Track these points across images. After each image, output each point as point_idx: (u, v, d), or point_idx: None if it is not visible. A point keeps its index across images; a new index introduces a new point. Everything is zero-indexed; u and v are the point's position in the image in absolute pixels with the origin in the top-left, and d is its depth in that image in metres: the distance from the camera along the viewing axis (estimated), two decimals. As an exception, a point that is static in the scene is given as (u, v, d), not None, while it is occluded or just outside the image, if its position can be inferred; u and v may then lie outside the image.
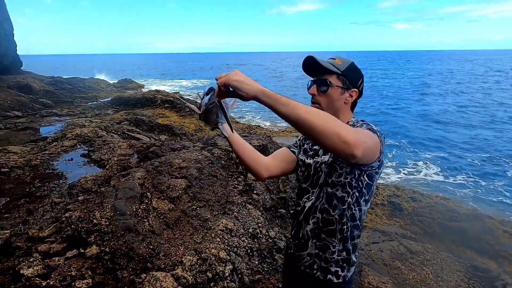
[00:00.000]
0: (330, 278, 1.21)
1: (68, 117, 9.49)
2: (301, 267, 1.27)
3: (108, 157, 4.11)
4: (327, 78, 1.19)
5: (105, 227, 2.59)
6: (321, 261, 1.22)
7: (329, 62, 1.20)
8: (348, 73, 1.20)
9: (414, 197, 5.40)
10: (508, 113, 17.50)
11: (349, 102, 1.23)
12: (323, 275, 1.22)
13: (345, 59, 1.23)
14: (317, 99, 1.21)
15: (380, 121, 16.18)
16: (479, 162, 10.24)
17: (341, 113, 1.23)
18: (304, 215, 1.27)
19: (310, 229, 1.24)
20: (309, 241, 1.24)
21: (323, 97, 1.20)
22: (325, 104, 1.20)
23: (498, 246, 4.33)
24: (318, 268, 1.22)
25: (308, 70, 1.24)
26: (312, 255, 1.24)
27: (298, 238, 1.29)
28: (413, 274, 2.48)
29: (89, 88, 18.61)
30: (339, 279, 1.21)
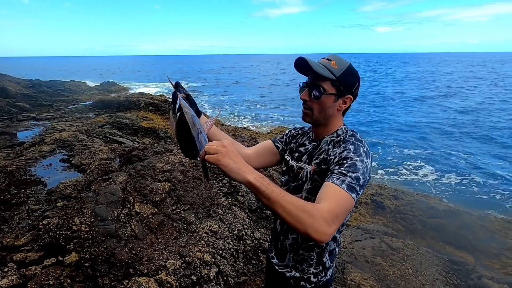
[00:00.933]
0: (303, 284, 1.23)
1: (47, 121, 9.17)
2: (279, 271, 1.30)
3: (88, 161, 4.00)
4: (321, 84, 1.10)
5: (85, 233, 2.52)
6: (296, 272, 1.24)
7: (324, 65, 1.10)
8: (344, 78, 1.10)
9: (396, 195, 5.56)
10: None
11: (342, 109, 1.16)
12: (296, 282, 1.24)
13: (342, 61, 1.12)
14: (308, 105, 1.15)
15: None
16: (454, 159, 10.65)
17: (332, 120, 1.18)
18: (281, 226, 1.29)
19: (289, 243, 1.25)
20: (287, 254, 1.27)
21: (315, 104, 1.13)
22: (317, 111, 1.14)
23: (475, 241, 4.52)
24: (290, 277, 1.25)
25: (301, 69, 1.15)
26: (289, 266, 1.27)
27: (277, 248, 1.32)
28: (393, 269, 2.55)
29: (70, 91, 18.06)
30: (312, 284, 1.22)
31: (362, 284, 2.38)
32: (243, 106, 20.54)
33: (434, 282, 2.55)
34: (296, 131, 1.38)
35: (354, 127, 1.28)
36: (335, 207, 0.90)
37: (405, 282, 2.45)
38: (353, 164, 0.99)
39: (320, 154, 1.16)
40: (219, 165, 0.82)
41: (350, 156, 1.01)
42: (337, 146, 1.11)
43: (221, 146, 0.83)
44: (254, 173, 0.84)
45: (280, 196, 0.83)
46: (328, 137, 1.19)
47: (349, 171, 0.97)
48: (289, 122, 15.24)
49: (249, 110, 19.29)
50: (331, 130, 1.19)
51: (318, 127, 1.21)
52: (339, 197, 0.92)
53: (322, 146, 1.18)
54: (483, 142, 12.69)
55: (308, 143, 1.26)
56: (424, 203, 5.48)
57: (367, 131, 14.83)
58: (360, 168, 0.99)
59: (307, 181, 1.16)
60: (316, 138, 1.23)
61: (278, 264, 1.30)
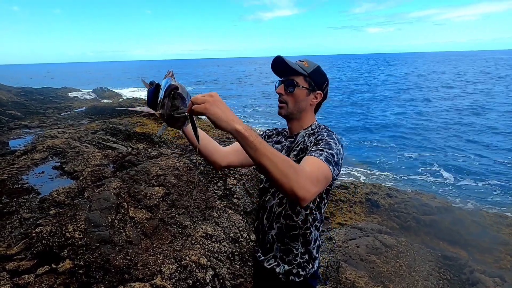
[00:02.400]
0: (292, 279, 1.26)
1: (39, 128, 9.08)
2: (267, 268, 1.31)
3: (81, 168, 3.97)
4: (294, 78, 1.23)
5: (79, 240, 2.50)
6: (284, 264, 1.27)
7: (297, 64, 1.25)
8: (314, 75, 1.26)
9: (390, 193, 5.62)
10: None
11: (314, 103, 1.29)
12: (285, 277, 1.26)
13: (312, 62, 1.28)
14: (284, 98, 1.26)
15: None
16: (444, 157, 10.80)
17: (305, 114, 1.29)
18: (267, 220, 1.31)
19: (275, 233, 1.29)
20: (274, 244, 1.30)
21: (289, 97, 1.25)
22: (291, 103, 1.25)
23: (467, 236, 4.59)
24: (280, 272, 1.27)
25: (277, 70, 1.28)
26: (276, 257, 1.29)
27: (263, 243, 1.34)
28: (387, 266, 2.58)
29: (62, 98, 17.90)
30: (301, 278, 1.26)
31: (356, 282, 2.41)
32: (240, 109, 20.61)
33: (428, 277, 2.59)
34: (271, 131, 1.47)
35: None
36: (316, 171, 0.95)
37: (399, 278, 2.48)
38: (328, 143, 1.08)
39: (297, 146, 1.24)
40: (207, 114, 0.82)
41: (325, 138, 1.11)
42: (312, 136, 1.20)
43: (208, 96, 0.84)
44: (242, 123, 0.86)
45: (267, 148, 0.85)
46: (303, 132, 1.28)
47: (324, 148, 1.05)
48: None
49: (245, 112, 19.36)
50: (305, 124, 1.29)
51: (293, 121, 1.30)
52: (318, 165, 0.98)
53: (298, 139, 1.27)
54: (476, 138, 12.90)
55: (285, 140, 1.34)
56: (417, 200, 5.55)
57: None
58: (334, 148, 1.06)
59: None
60: (291, 134, 1.32)
61: (266, 259, 1.32)
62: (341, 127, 15.83)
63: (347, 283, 2.45)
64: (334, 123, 16.75)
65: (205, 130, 10.27)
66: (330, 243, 3.07)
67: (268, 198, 1.31)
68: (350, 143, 12.81)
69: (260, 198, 1.38)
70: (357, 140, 13.22)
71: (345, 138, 13.54)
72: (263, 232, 1.34)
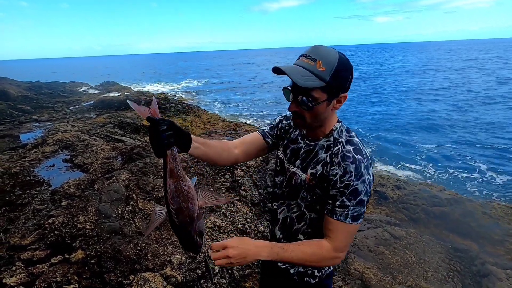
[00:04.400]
0: (307, 280, 1.20)
1: (49, 122, 9.22)
2: (281, 268, 1.24)
3: (91, 160, 4.03)
4: (310, 93, 0.96)
5: (90, 231, 2.55)
6: (298, 267, 1.19)
7: (309, 70, 0.94)
8: (335, 80, 0.95)
9: (399, 185, 5.55)
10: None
11: (337, 108, 1.04)
12: (300, 278, 1.20)
13: (329, 57, 0.94)
14: (299, 114, 1.03)
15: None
16: (454, 149, 10.61)
17: (327, 122, 1.07)
18: (281, 232, 1.23)
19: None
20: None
21: (307, 113, 1.01)
22: (309, 118, 1.02)
23: (478, 228, 4.52)
24: (294, 273, 1.21)
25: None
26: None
27: (275, 237, 1.26)
28: (396, 258, 2.57)
29: (70, 92, 18.11)
30: (316, 279, 1.20)
31: (365, 273, 2.40)
32: (243, 104, 20.51)
33: (437, 269, 2.57)
34: (289, 122, 1.23)
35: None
36: (341, 242, 1.03)
37: (408, 270, 2.47)
38: (355, 190, 0.98)
39: (316, 163, 1.07)
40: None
41: (352, 183, 0.98)
42: (336, 163, 1.01)
43: (227, 258, 0.93)
44: (264, 249, 0.98)
45: (290, 257, 1.00)
46: (324, 141, 1.09)
47: (351, 199, 0.98)
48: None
49: (250, 106, 19.28)
50: (326, 130, 1.09)
51: (313, 129, 1.11)
52: (346, 232, 1.02)
53: (318, 151, 1.09)
54: (483, 131, 12.62)
55: (301, 139, 1.16)
56: (426, 192, 5.47)
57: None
58: (362, 191, 0.98)
59: (302, 190, 1.11)
60: (309, 137, 1.14)
61: (281, 263, 1.23)
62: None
63: (355, 274, 2.45)
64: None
65: (211, 123, 10.29)
66: (338, 235, 3.07)
67: (281, 210, 1.21)
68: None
69: (271, 202, 1.28)
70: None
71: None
72: (277, 240, 1.24)
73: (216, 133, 5.96)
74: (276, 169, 1.25)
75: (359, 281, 2.38)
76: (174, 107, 11.45)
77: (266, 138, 1.25)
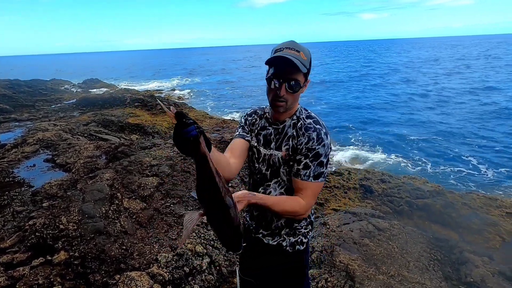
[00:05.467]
0: (298, 248, 1.35)
1: (29, 121, 8.90)
2: (272, 245, 1.34)
3: (74, 160, 3.93)
4: (297, 78, 1.15)
5: (73, 232, 2.50)
6: (290, 237, 1.33)
7: (297, 59, 1.12)
8: (310, 68, 1.20)
9: (384, 179, 5.68)
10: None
11: (303, 91, 1.24)
12: (292, 248, 1.34)
13: (305, 50, 1.17)
14: (284, 98, 1.18)
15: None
16: (434, 142, 10.95)
17: (296, 104, 1.26)
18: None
19: (284, 220, 1.31)
20: (282, 230, 1.33)
21: (290, 95, 1.18)
22: (291, 101, 1.20)
23: (458, 218, 4.69)
24: (286, 245, 1.34)
25: (273, 63, 1.16)
26: (282, 234, 1.33)
27: (268, 229, 1.34)
28: (380, 249, 2.64)
29: (52, 90, 17.50)
30: (304, 245, 1.36)
31: (350, 264, 2.46)
32: (233, 100, 20.40)
33: (419, 258, 2.66)
34: (252, 117, 1.40)
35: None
36: (311, 199, 1.22)
37: (391, 260, 2.54)
38: (317, 153, 1.19)
39: (287, 140, 1.26)
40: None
41: (314, 147, 1.19)
42: (301, 134, 1.23)
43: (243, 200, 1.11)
44: (257, 198, 1.14)
45: (271, 203, 1.17)
46: (290, 121, 1.28)
47: (312, 160, 1.20)
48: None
49: (237, 103, 19.20)
50: (292, 112, 1.27)
51: (286, 111, 1.26)
52: (310, 190, 1.21)
53: (287, 131, 1.27)
54: (466, 122, 13.07)
55: (269, 126, 1.33)
56: (410, 185, 5.63)
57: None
58: (323, 154, 1.20)
59: (281, 166, 1.27)
60: (276, 121, 1.30)
61: (270, 238, 1.35)
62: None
63: (341, 266, 2.50)
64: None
65: (198, 120, 10.20)
66: (325, 228, 3.11)
67: (268, 192, 1.32)
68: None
69: (256, 190, 1.34)
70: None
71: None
72: (268, 221, 1.34)
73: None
74: (253, 158, 1.36)
75: (344, 272, 2.43)
76: (160, 105, 11.28)
77: (245, 138, 1.37)
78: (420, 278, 2.42)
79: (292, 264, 1.38)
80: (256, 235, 1.40)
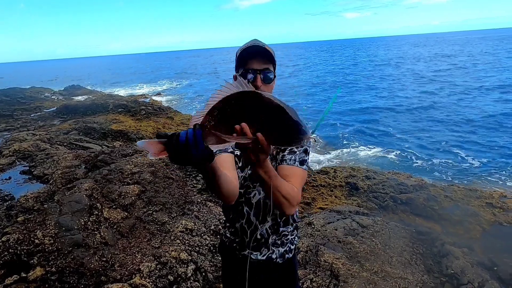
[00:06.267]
0: (287, 257, 1.32)
1: (6, 132, 8.58)
2: (262, 260, 1.28)
3: (51, 171, 3.80)
4: (270, 68, 1.18)
5: (50, 246, 2.41)
6: (278, 247, 1.29)
7: (270, 52, 1.17)
8: (276, 62, 1.23)
9: (368, 175, 5.77)
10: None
11: (273, 87, 1.25)
12: (282, 259, 1.30)
13: (269, 46, 1.20)
14: (261, 90, 1.13)
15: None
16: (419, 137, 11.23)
17: None
18: (256, 216, 1.25)
19: (270, 225, 1.26)
20: (269, 238, 1.27)
21: (266, 87, 1.18)
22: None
23: (441, 210, 4.81)
24: (276, 257, 1.29)
25: (246, 59, 1.17)
26: (269, 246, 1.28)
27: (254, 240, 1.27)
28: (363, 246, 2.67)
29: (31, 98, 16.91)
30: (292, 252, 1.34)
31: (334, 263, 2.47)
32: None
33: (402, 253, 2.70)
34: None
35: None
36: (299, 186, 1.16)
37: (374, 256, 2.57)
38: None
39: None
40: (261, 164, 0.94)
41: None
42: None
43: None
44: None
45: (275, 176, 1.03)
46: None
47: (298, 147, 1.20)
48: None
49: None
50: None
51: None
52: (298, 175, 1.17)
53: None
54: (443, 121, 13.45)
55: None
56: (394, 180, 5.73)
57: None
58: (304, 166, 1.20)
59: (272, 162, 1.23)
60: None
61: (258, 253, 1.29)
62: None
63: (325, 265, 2.51)
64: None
65: (184, 124, 10.09)
66: (310, 228, 3.13)
67: (253, 194, 1.26)
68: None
69: (245, 195, 1.27)
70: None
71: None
72: (252, 230, 1.27)
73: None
74: (239, 167, 1.28)
75: (328, 272, 2.45)
76: (144, 110, 11.09)
77: (228, 151, 1.28)
78: (402, 273, 2.46)
79: (285, 275, 1.34)
80: (242, 252, 1.30)
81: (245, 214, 1.27)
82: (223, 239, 1.40)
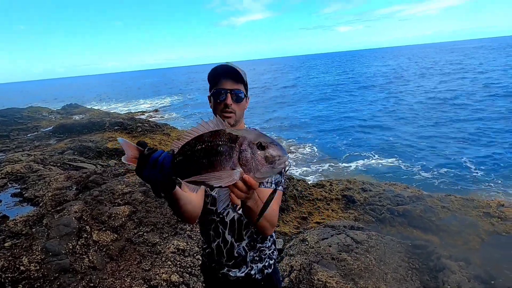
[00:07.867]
0: (266, 272, 1.31)
1: (2, 153, 8.55)
2: (241, 277, 1.28)
3: (42, 193, 3.76)
4: (240, 88, 1.23)
5: (35, 273, 2.35)
6: (257, 263, 1.29)
7: (240, 73, 1.22)
8: (247, 85, 1.28)
9: (365, 188, 5.73)
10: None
11: (246, 108, 1.30)
12: (261, 275, 1.29)
13: (241, 69, 1.25)
14: (232, 108, 1.22)
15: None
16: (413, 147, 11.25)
17: (242, 120, 1.30)
18: (232, 234, 1.25)
19: (246, 243, 1.26)
20: (247, 255, 1.27)
21: (237, 106, 1.22)
22: (238, 112, 1.24)
23: (438, 222, 4.75)
24: (255, 273, 1.28)
25: (216, 78, 1.23)
26: (248, 264, 1.28)
27: (232, 258, 1.27)
28: (358, 263, 2.61)
29: (28, 118, 16.98)
30: (272, 267, 1.33)
31: (328, 282, 2.41)
32: (205, 110, 20.33)
33: (397, 269, 2.65)
34: None
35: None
36: (277, 207, 1.20)
37: (368, 273, 2.51)
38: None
39: None
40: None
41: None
42: None
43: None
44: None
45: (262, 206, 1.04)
46: None
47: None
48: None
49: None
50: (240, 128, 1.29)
51: (233, 126, 1.28)
52: (276, 197, 1.17)
53: None
54: (440, 127, 13.53)
55: None
56: (390, 192, 5.70)
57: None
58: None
59: None
60: None
61: (237, 270, 1.29)
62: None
63: (319, 284, 2.45)
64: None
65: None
66: (304, 245, 3.07)
67: (227, 212, 1.25)
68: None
69: (209, 216, 1.27)
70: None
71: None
72: (229, 249, 1.27)
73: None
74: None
75: (322, 291, 2.39)
76: (141, 127, 11.13)
77: None
78: (398, 290, 2.40)
79: None
80: (221, 271, 1.30)
81: (221, 233, 1.28)
82: (203, 259, 1.40)
